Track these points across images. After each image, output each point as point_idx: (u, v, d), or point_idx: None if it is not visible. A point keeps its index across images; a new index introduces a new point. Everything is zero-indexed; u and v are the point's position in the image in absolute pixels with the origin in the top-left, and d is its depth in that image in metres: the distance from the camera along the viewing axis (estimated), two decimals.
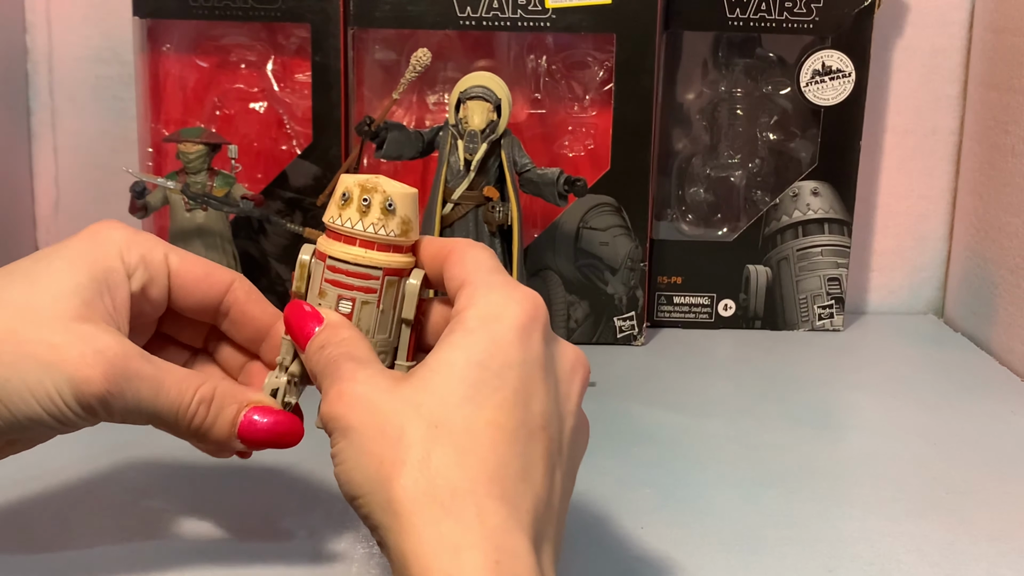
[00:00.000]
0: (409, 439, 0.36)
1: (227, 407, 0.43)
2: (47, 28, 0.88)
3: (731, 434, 0.66)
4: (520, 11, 0.79)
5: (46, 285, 0.41)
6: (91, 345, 0.40)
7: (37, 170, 0.89)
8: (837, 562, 0.51)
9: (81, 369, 0.40)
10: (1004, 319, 0.83)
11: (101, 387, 0.40)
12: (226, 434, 0.43)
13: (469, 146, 0.70)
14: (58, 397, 0.40)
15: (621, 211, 0.82)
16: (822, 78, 0.84)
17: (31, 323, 0.40)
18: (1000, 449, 0.65)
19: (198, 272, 0.46)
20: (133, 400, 0.41)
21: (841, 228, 0.87)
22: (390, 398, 0.38)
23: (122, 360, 0.40)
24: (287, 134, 0.87)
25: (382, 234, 0.42)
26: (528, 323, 0.39)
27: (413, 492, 0.35)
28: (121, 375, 0.40)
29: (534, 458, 0.37)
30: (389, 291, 0.43)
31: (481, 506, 0.35)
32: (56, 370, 0.39)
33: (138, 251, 0.44)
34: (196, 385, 0.42)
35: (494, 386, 0.37)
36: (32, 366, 0.39)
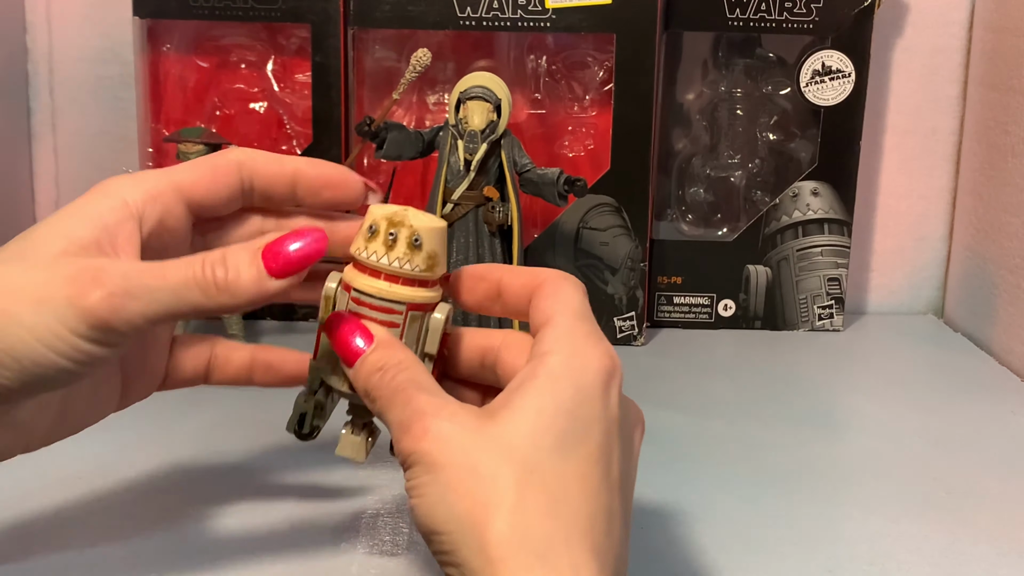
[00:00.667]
0: (503, 482, 0.36)
1: (242, 255, 0.40)
2: (47, 28, 0.88)
3: (731, 434, 0.66)
4: (520, 11, 0.79)
5: (38, 239, 0.40)
6: (76, 266, 0.38)
7: (37, 170, 0.89)
8: (837, 562, 0.51)
9: (73, 287, 0.37)
10: (1004, 319, 0.83)
11: (100, 294, 0.37)
12: (255, 278, 0.40)
13: (469, 146, 0.70)
14: (62, 328, 0.37)
15: (621, 211, 0.82)
16: (822, 78, 0.84)
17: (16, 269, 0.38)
18: (1000, 449, 0.65)
19: (206, 173, 0.43)
20: (144, 293, 0.38)
21: (841, 228, 0.87)
22: (480, 438, 0.37)
23: (111, 265, 0.38)
24: (287, 134, 0.87)
25: (407, 269, 0.42)
26: (609, 379, 0.39)
27: (508, 536, 0.35)
28: (117, 276, 0.38)
29: (614, 513, 0.38)
30: (412, 326, 0.43)
31: (575, 559, 0.35)
32: (49, 301, 0.37)
33: (141, 189, 0.42)
34: (202, 256, 0.40)
35: (581, 438, 0.37)
36: (25, 307, 0.37)
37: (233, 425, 0.64)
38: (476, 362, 0.45)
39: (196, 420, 0.65)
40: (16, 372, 0.37)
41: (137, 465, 0.58)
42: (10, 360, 0.37)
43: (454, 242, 0.72)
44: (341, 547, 0.51)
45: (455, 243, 0.72)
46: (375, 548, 0.51)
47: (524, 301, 0.43)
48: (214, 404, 0.67)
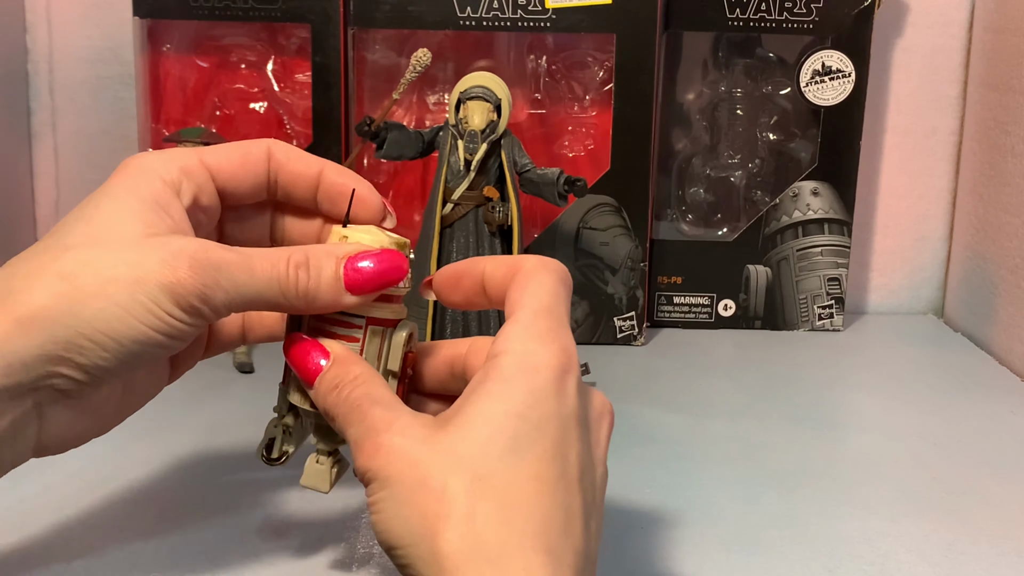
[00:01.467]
0: (452, 492, 0.36)
1: (326, 263, 0.41)
2: (47, 28, 0.88)
3: (731, 434, 0.66)
4: (520, 11, 0.79)
5: (104, 221, 0.40)
6: (167, 249, 0.39)
7: (37, 170, 0.89)
8: (837, 562, 0.51)
9: (167, 273, 0.38)
10: (1004, 319, 0.83)
11: (193, 282, 0.39)
12: (334, 289, 0.41)
13: (469, 146, 0.70)
14: (156, 308, 0.38)
15: (621, 211, 0.82)
16: (822, 78, 0.84)
17: (104, 252, 0.39)
18: (1000, 449, 0.65)
19: (236, 158, 0.44)
20: (231, 286, 0.40)
21: (841, 228, 0.87)
22: (429, 450, 0.37)
23: (203, 252, 0.39)
24: (287, 134, 0.87)
25: None
26: (562, 374, 0.39)
27: (459, 546, 0.35)
28: (209, 265, 0.39)
29: (573, 511, 0.38)
30: (373, 340, 0.43)
31: (528, 561, 0.35)
32: (144, 283, 0.38)
33: (175, 165, 0.42)
34: (287, 255, 0.41)
35: (533, 438, 0.37)
36: (120, 288, 0.38)
37: (233, 425, 0.64)
38: (445, 373, 0.45)
39: (196, 419, 0.65)
40: (114, 351, 0.38)
41: (137, 464, 0.58)
42: (109, 341, 0.38)
43: (454, 242, 0.72)
44: (341, 547, 0.51)
45: (455, 243, 0.72)
46: (375, 548, 0.51)
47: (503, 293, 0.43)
48: (214, 404, 0.67)
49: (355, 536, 0.52)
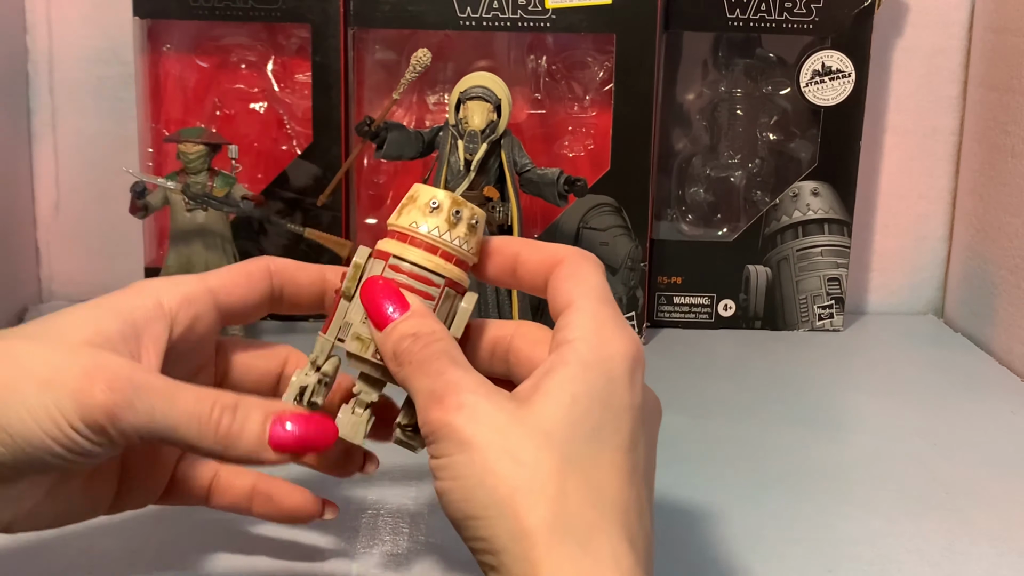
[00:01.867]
0: (544, 470, 0.36)
1: (253, 413, 0.40)
2: (47, 29, 0.88)
3: (731, 434, 0.66)
4: (520, 11, 0.79)
5: (64, 322, 0.39)
6: (93, 361, 0.38)
7: (37, 171, 0.89)
8: (837, 562, 0.51)
9: (81, 381, 0.37)
10: (1004, 319, 0.83)
11: (104, 398, 0.37)
12: (255, 442, 0.39)
13: (469, 146, 0.70)
14: (60, 417, 0.36)
15: (621, 211, 0.82)
16: (822, 78, 0.84)
17: (35, 348, 0.38)
18: (1000, 449, 0.65)
19: (240, 280, 0.44)
20: (145, 411, 0.37)
21: (841, 228, 0.87)
22: (516, 422, 0.37)
23: (127, 372, 0.38)
24: (287, 134, 0.87)
25: (464, 248, 0.43)
26: (635, 366, 0.39)
27: (551, 524, 0.35)
28: (128, 384, 0.37)
29: (644, 502, 0.38)
30: (445, 303, 0.42)
31: (615, 548, 0.35)
32: (54, 387, 0.37)
33: (179, 291, 0.42)
34: (216, 395, 0.39)
35: (614, 427, 0.37)
36: (31, 386, 0.37)
37: None
38: (487, 352, 0.44)
39: None
40: (10, 448, 0.37)
41: None
42: (5, 435, 0.37)
43: None
44: (341, 547, 0.51)
45: None
46: (375, 547, 0.51)
47: (541, 278, 0.43)
48: None
49: (355, 536, 0.52)
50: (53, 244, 0.90)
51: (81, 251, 0.90)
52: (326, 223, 0.82)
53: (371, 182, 0.87)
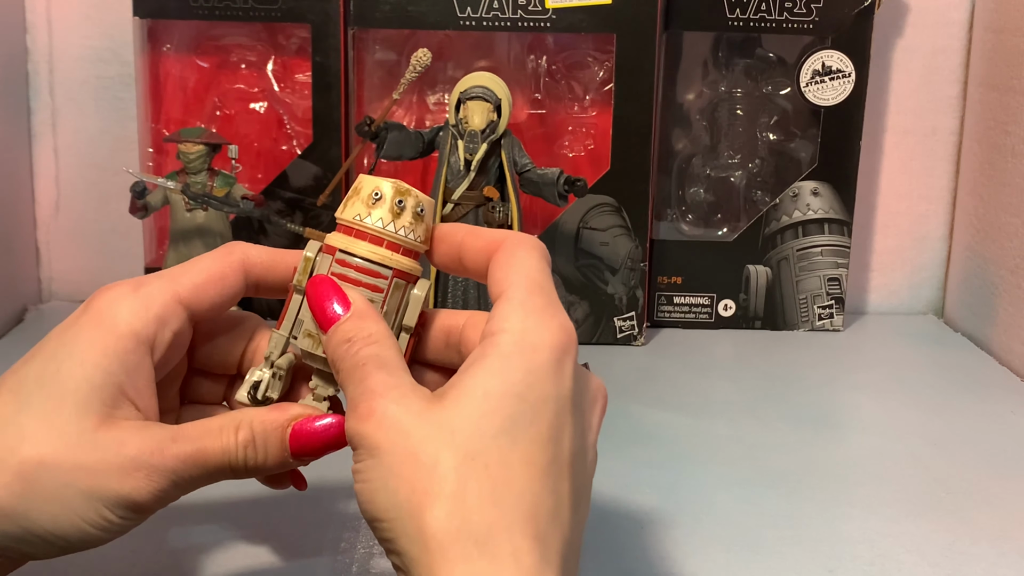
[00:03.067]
0: (443, 469, 0.35)
1: (271, 438, 0.41)
2: (47, 28, 0.88)
3: (731, 434, 0.66)
4: (520, 11, 0.79)
5: (61, 398, 0.39)
6: (124, 456, 0.39)
7: (37, 170, 0.89)
8: (837, 562, 0.51)
9: (125, 483, 0.39)
10: (1004, 319, 0.83)
11: (148, 493, 0.39)
12: (280, 460, 0.41)
13: (469, 146, 0.70)
14: (110, 514, 0.39)
15: (621, 211, 0.82)
16: (822, 78, 0.84)
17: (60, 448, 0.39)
18: (1000, 449, 0.65)
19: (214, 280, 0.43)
20: (186, 479, 0.40)
21: (841, 228, 0.87)
22: (423, 423, 0.36)
23: (159, 458, 0.39)
24: (287, 134, 0.87)
25: (411, 238, 0.42)
26: (562, 356, 0.38)
27: (447, 525, 0.34)
28: (165, 470, 0.39)
29: (563, 496, 0.37)
30: (395, 294, 0.42)
31: (516, 546, 0.35)
32: (101, 493, 0.38)
33: (152, 314, 0.41)
34: (233, 434, 0.41)
35: (529, 420, 0.36)
36: (75, 496, 0.38)
37: None
38: (441, 343, 0.44)
39: None
40: (60, 548, 0.39)
41: None
42: (59, 540, 0.39)
43: None
44: (341, 547, 0.51)
45: None
46: (375, 547, 0.51)
47: (483, 265, 0.42)
48: None
49: (355, 536, 0.52)
50: (53, 244, 0.90)
51: (81, 251, 0.90)
52: (326, 223, 0.82)
53: None
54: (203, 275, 0.43)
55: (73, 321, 0.41)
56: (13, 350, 0.78)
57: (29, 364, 0.40)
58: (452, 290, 0.73)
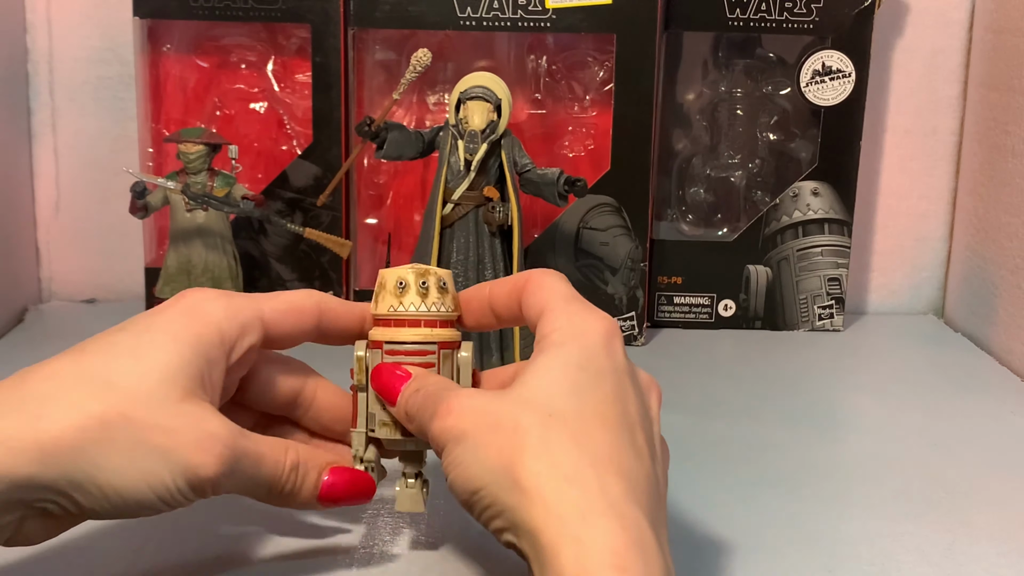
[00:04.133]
0: (525, 426, 0.38)
1: (311, 471, 0.45)
2: (47, 28, 0.88)
3: (731, 434, 0.66)
4: (520, 11, 0.79)
5: (152, 363, 0.41)
6: (203, 429, 0.41)
7: (37, 170, 0.89)
8: (837, 562, 0.51)
9: (198, 455, 0.40)
10: (1004, 319, 0.83)
11: (216, 471, 0.41)
12: (310, 496, 0.45)
13: (469, 146, 0.70)
14: (172, 483, 0.40)
15: (621, 211, 0.82)
16: (822, 78, 0.84)
17: (142, 406, 0.40)
18: (1000, 449, 0.65)
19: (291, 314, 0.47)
20: (240, 478, 0.42)
21: (841, 228, 0.87)
22: (499, 401, 0.40)
23: (232, 441, 0.42)
24: (287, 134, 0.87)
25: (443, 310, 0.47)
26: (610, 337, 0.42)
27: (537, 469, 0.37)
28: (233, 456, 0.41)
29: (640, 445, 0.40)
30: (445, 363, 0.47)
31: (602, 479, 0.37)
32: (173, 457, 0.40)
33: (237, 322, 0.44)
34: (285, 453, 0.44)
35: (594, 385, 0.40)
36: (148, 453, 0.40)
37: None
38: None
39: None
40: (115, 504, 0.40)
41: None
42: (116, 496, 0.40)
43: (454, 242, 0.72)
44: (341, 545, 0.51)
45: (455, 243, 0.72)
46: (375, 548, 0.51)
47: (515, 305, 0.46)
48: None
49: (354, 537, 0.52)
50: (53, 244, 0.90)
51: (81, 251, 0.90)
52: (326, 223, 0.82)
53: (371, 182, 0.87)
54: (285, 304, 0.46)
55: (164, 308, 0.44)
56: (13, 350, 0.78)
57: (120, 333, 0.43)
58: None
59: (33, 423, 0.38)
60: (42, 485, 0.39)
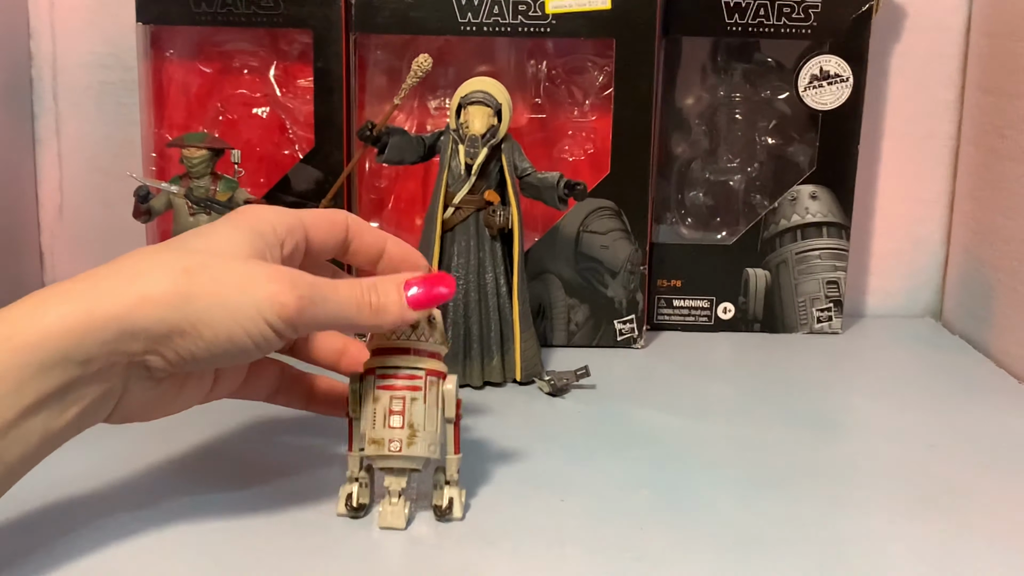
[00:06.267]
0: None
1: (390, 287, 0.50)
2: (51, 34, 0.88)
3: (730, 436, 0.67)
4: (520, 17, 0.79)
5: (221, 239, 0.47)
6: (272, 268, 0.46)
7: (41, 175, 0.90)
8: (835, 563, 0.51)
9: (272, 287, 0.45)
10: (1001, 322, 0.83)
11: (292, 295, 0.45)
12: (398, 308, 0.50)
13: (470, 151, 0.71)
14: (256, 314, 0.45)
15: (621, 215, 0.82)
16: (820, 83, 0.85)
17: (220, 261, 0.46)
18: (997, 451, 0.66)
19: (325, 225, 0.52)
20: (322, 304, 0.47)
21: (839, 232, 0.87)
22: None
23: (299, 275, 0.47)
24: (289, 139, 0.87)
25: (431, 341, 0.53)
26: None
27: None
28: (304, 282, 0.46)
29: None
30: (431, 389, 0.52)
31: None
32: (252, 292, 0.45)
33: (285, 221, 0.50)
34: (359, 281, 0.50)
35: None
36: (233, 292, 0.45)
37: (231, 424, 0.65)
38: None
39: (196, 413, 0.65)
40: (209, 342, 0.45)
41: (138, 459, 0.59)
42: (209, 332, 0.45)
43: (455, 246, 0.73)
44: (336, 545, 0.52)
45: (456, 247, 0.73)
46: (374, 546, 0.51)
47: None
48: None
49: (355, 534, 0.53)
50: (57, 248, 0.91)
51: (85, 255, 0.91)
52: None
53: (372, 186, 0.88)
54: (320, 217, 0.52)
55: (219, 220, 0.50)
56: None
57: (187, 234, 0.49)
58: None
59: (132, 280, 0.44)
60: (145, 330, 0.44)
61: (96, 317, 0.43)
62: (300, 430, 0.64)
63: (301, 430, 0.64)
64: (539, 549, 0.51)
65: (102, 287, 0.44)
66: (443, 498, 0.53)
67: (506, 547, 0.51)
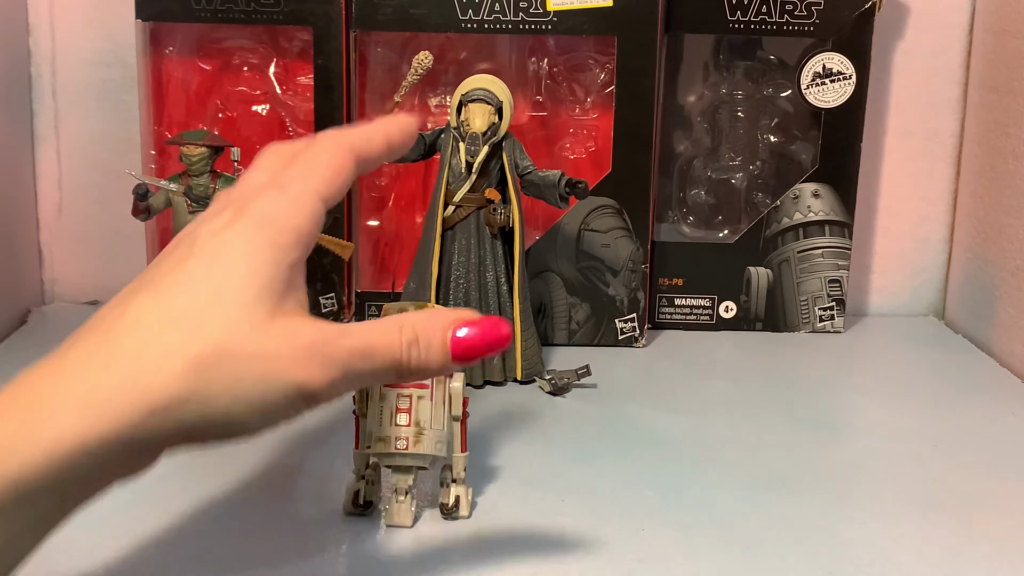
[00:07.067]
0: None
1: (434, 339, 0.44)
2: (50, 31, 0.88)
3: (732, 435, 0.67)
4: (521, 14, 0.79)
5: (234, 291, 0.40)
6: (300, 344, 0.40)
7: (40, 173, 0.90)
8: (837, 564, 0.51)
9: (301, 370, 0.40)
10: (1004, 321, 0.83)
11: (322, 381, 0.40)
12: (442, 361, 0.44)
13: (471, 148, 0.70)
14: (284, 402, 0.40)
15: (622, 213, 0.82)
16: (823, 80, 0.84)
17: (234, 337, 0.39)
18: (1000, 450, 0.65)
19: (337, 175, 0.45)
20: (355, 372, 0.42)
21: (842, 230, 0.87)
22: None
23: (333, 346, 0.41)
24: (289, 136, 0.87)
25: None
26: None
27: None
28: (336, 361, 0.41)
29: None
30: (439, 387, 0.52)
31: None
32: (277, 380, 0.40)
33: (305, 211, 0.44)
34: (398, 333, 0.43)
35: None
36: (251, 385, 0.39)
37: None
38: None
39: None
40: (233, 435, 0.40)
41: None
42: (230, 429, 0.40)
43: (456, 244, 0.73)
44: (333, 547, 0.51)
45: (457, 245, 0.73)
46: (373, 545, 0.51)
47: None
48: None
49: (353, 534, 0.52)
50: (56, 246, 0.91)
51: (84, 253, 0.91)
52: (327, 225, 0.82)
53: (373, 184, 0.88)
54: (330, 169, 0.45)
55: (225, 225, 0.42)
56: (16, 352, 0.79)
57: (191, 259, 0.41)
58: (453, 291, 0.73)
59: (135, 379, 0.38)
60: (159, 440, 0.39)
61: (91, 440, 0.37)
62: (307, 427, 0.64)
63: (307, 427, 0.64)
64: (539, 548, 0.51)
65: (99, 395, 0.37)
66: (450, 496, 0.54)
67: (506, 547, 0.51)
